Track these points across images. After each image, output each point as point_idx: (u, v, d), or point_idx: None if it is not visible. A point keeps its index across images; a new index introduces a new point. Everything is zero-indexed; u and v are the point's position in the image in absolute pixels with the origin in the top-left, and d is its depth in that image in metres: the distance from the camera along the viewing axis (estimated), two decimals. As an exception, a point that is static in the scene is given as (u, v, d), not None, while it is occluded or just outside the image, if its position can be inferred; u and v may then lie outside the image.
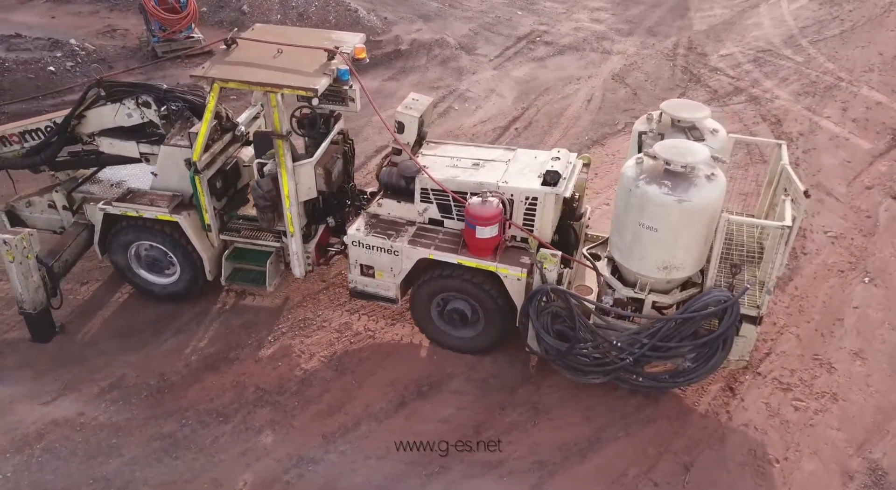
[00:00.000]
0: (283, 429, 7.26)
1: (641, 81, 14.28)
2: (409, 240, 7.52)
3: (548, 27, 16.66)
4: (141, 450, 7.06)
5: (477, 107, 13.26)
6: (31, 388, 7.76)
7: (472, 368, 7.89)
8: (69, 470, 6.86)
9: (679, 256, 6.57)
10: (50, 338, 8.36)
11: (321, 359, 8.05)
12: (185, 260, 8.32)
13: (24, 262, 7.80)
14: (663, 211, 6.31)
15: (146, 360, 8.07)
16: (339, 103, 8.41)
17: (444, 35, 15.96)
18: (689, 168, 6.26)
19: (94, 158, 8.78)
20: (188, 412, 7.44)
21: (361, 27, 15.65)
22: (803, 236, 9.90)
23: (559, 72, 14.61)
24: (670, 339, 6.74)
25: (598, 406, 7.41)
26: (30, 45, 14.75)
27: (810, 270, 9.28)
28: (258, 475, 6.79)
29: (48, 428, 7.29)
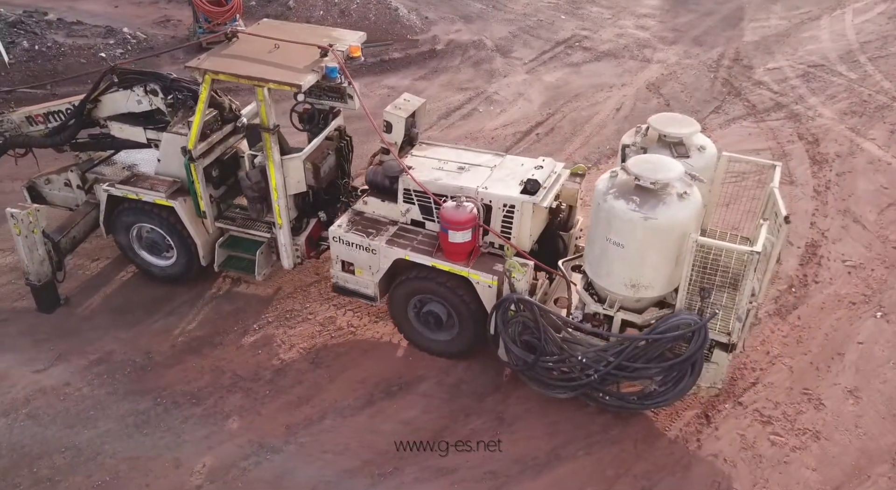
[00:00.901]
0: (249, 416, 7.42)
1: (677, 92, 13.86)
2: (387, 239, 7.55)
3: (589, 33, 16.37)
4: (115, 423, 7.35)
5: (502, 110, 13.17)
6: (28, 355, 8.18)
7: (444, 372, 7.87)
8: (46, 436, 7.21)
9: (647, 275, 6.36)
10: (54, 309, 8.79)
11: (300, 350, 8.18)
12: (180, 244, 8.60)
13: (30, 235, 8.23)
14: (629, 227, 6.12)
15: (136, 337, 8.38)
16: (337, 100, 8.51)
17: (483, 37, 15.90)
18: (658, 185, 6.05)
19: (109, 141, 9.18)
20: (165, 392, 7.70)
21: (400, 26, 15.80)
22: (818, 264, 9.42)
23: (593, 78, 14.34)
24: (636, 359, 6.54)
25: (564, 422, 7.27)
26: (87, 31, 15.52)
27: (818, 300, 8.81)
28: (217, 459, 6.97)
29: (35, 395, 7.68)
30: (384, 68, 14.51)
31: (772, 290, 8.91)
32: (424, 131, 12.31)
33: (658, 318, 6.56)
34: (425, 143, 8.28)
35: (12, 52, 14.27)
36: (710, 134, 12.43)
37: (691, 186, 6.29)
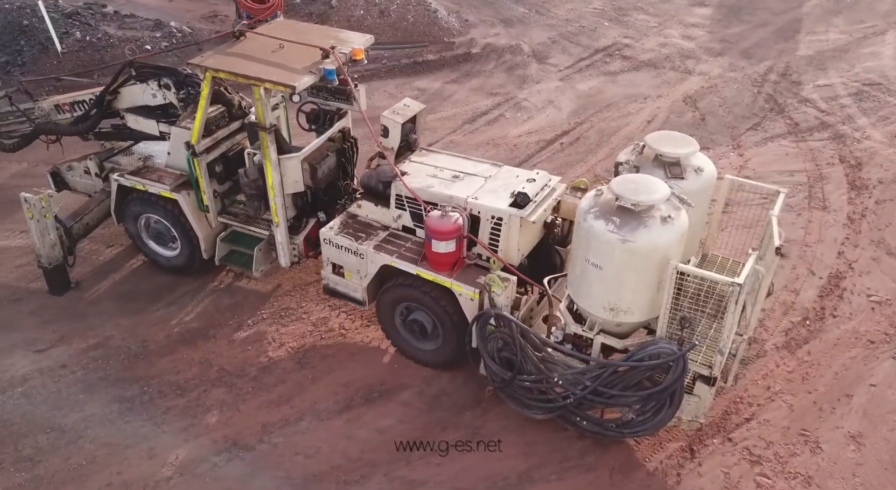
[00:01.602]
0: (229, 411, 7.48)
1: (715, 106, 13.33)
2: (375, 244, 7.49)
3: (632, 41, 15.93)
4: (100, 408, 7.53)
5: (529, 117, 12.94)
6: (32, 334, 8.48)
7: (427, 382, 7.76)
8: (35, 416, 7.45)
9: (626, 299, 6.10)
10: (64, 292, 9.09)
11: (289, 349, 8.21)
12: (184, 236, 8.76)
13: (42, 220, 8.53)
14: (607, 248, 5.88)
15: (135, 325, 8.58)
16: (344, 102, 8.53)
17: (521, 41, 15.68)
18: (640, 206, 5.78)
19: (128, 132, 9.43)
20: (153, 381, 7.85)
21: (438, 28, 15.73)
22: (839, 296, 8.88)
23: (628, 88, 13.94)
24: (613, 385, 6.29)
25: (540, 443, 7.05)
26: (138, 24, 16.04)
27: (833, 335, 8.30)
28: (191, 452, 7.05)
29: (33, 374, 7.95)
30: (417, 70, 14.47)
31: (783, 321, 8.47)
32: (447, 135, 12.32)
33: (637, 344, 6.28)
34: (425, 150, 8.19)
35: (65, 42, 14.86)
36: (744, 152, 11.94)
37: (678, 210, 5.99)
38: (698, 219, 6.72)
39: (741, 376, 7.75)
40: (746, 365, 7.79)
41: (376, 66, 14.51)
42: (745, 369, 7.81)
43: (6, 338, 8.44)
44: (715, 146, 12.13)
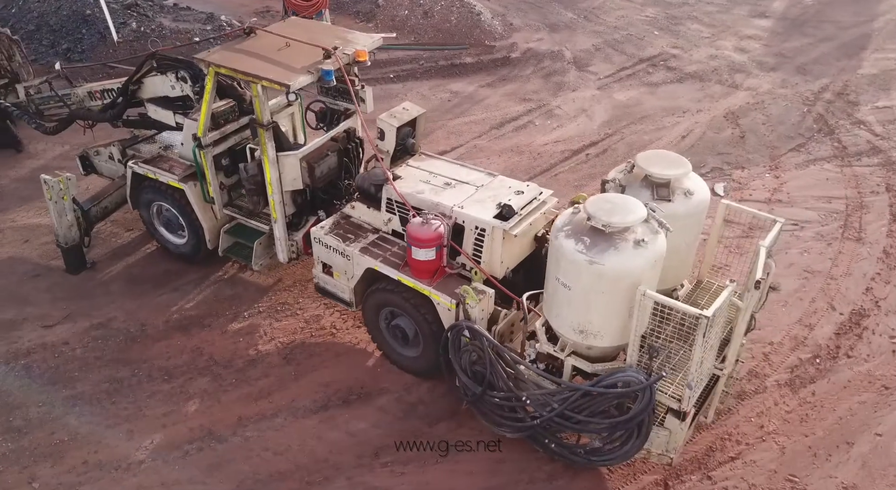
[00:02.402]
0: (209, 401, 7.61)
1: (757, 124, 12.72)
2: (361, 246, 7.47)
3: (680, 51, 15.38)
4: (90, 388, 7.79)
5: (558, 125, 12.67)
6: (43, 310, 8.85)
7: (406, 390, 7.69)
8: (31, 389, 7.77)
9: (595, 322, 5.86)
10: (79, 271, 9.45)
11: (278, 344, 8.29)
12: (190, 225, 8.97)
13: (60, 201, 8.89)
14: (574, 269, 5.66)
15: (138, 308, 8.84)
16: (351, 102, 8.54)
17: (564, 47, 15.38)
18: (610, 228, 5.54)
19: (151, 121, 9.72)
20: (144, 364, 8.06)
21: (480, 31, 15.60)
22: (859, 336, 8.31)
23: (667, 101, 13.46)
24: (580, 410, 6.07)
25: (510, 462, 6.87)
26: (191, 17, 16.55)
27: (844, 377, 7.78)
28: (165, 438, 7.20)
29: (36, 349, 8.29)
30: (453, 72, 14.38)
31: (791, 357, 8.00)
32: (472, 140, 12.19)
33: (606, 370, 6.03)
34: (425, 154, 8.11)
35: (121, 32, 15.48)
36: (781, 174, 11.34)
37: (656, 234, 5.71)
38: (688, 244, 6.41)
39: (733, 412, 7.35)
40: (739, 400, 7.38)
41: (413, 67, 14.51)
42: (738, 405, 7.41)
43: (19, 311, 8.84)
44: (750, 166, 11.57)
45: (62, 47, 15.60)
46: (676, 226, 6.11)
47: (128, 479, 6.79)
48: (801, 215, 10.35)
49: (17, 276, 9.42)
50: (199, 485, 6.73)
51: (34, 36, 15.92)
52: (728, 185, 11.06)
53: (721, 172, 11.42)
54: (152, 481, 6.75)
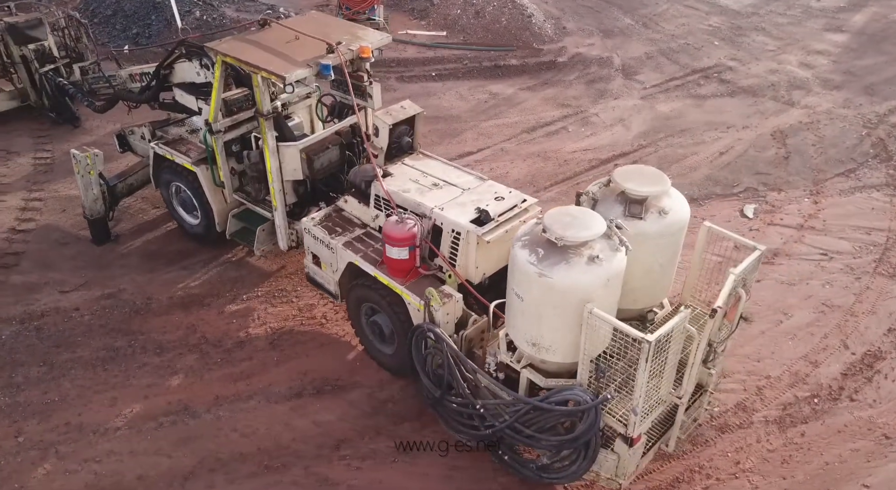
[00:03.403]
0: (193, 377, 7.88)
1: (806, 145, 12.03)
2: (345, 241, 7.55)
3: (738, 64, 14.71)
4: (89, 353, 8.21)
5: (592, 133, 12.38)
6: (64, 276, 9.39)
7: (380, 386, 7.72)
8: (37, 349, 8.26)
9: (546, 336, 5.70)
10: (104, 243, 9.98)
11: (268, 329, 8.49)
12: (202, 207, 9.30)
13: (87, 176, 9.40)
14: (525, 280, 5.53)
15: (147, 282, 9.25)
16: (360, 98, 8.62)
17: (614, 54, 14.99)
18: (562, 242, 5.37)
19: (181, 105, 10.12)
20: (141, 336, 8.43)
21: (530, 33, 15.41)
22: (868, 379, 7.75)
23: (713, 115, 12.91)
24: (529, 425, 5.93)
25: (465, 469, 6.80)
26: (253, 8, 17.11)
27: (841, 420, 7.27)
28: (145, 408, 7.51)
29: (50, 312, 8.81)
30: (495, 74, 14.28)
31: (786, 393, 7.55)
32: (500, 142, 12.07)
33: (557, 387, 5.86)
34: (422, 154, 8.10)
35: (186, 20, 16.16)
36: (822, 200, 10.69)
37: (614, 252, 5.50)
38: (662, 265, 6.13)
39: (710, 444, 7.00)
40: (719, 432, 7.02)
41: (456, 67, 14.50)
42: (717, 437, 7.05)
43: (43, 275, 9.41)
44: (789, 189, 10.96)
45: (132, 32, 16.48)
46: (648, 245, 5.88)
47: (102, 443, 7.12)
48: (833, 245, 9.72)
49: (49, 242, 10.02)
50: (165, 457, 6.98)
51: (110, 20, 16.89)
52: (759, 208, 10.52)
53: (755, 193, 10.87)
54: (122, 448, 7.06)
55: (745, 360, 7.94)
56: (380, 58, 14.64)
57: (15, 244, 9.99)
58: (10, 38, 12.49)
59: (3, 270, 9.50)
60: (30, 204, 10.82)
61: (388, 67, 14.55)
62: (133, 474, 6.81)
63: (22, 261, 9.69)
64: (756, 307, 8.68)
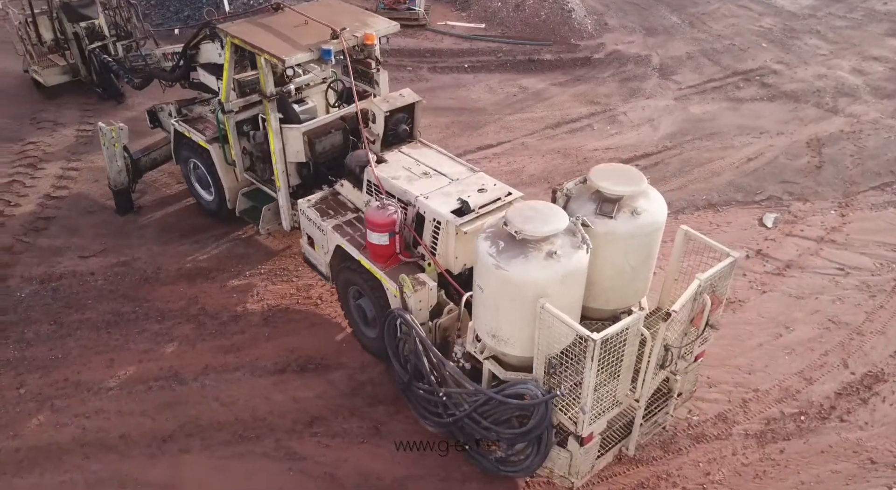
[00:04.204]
0: (186, 346, 8.19)
1: (843, 155, 11.51)
2: (335, 224, 7.69)
3: (784, 67, 14.15)
4: (96, 316, 8.64)
5: (617, 132, 12.16)
6: (86, 242, 9.88)
7: (361, 368, 7.85)
8: (50, 309, 8.74)
9: (504, 329, 5.70)
10: (126, 213, 10.44)
11: (265, 305, 8.74)
12: (215, 184, 9.62)
13: (111, 148, 9.85)
14: (485, 272, 5.54)
15: (160, 253, 9.64)
16: (367, 84, 8.75)
17: (654, 52, 14.65)
18: (521, 235, 5.35)
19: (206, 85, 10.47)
20: (146, 303, 8.81)
21: (569, 28, 15.22)
22: (864, 400, 7.43)
23: (748, 119, 12.49)
24: (486, 416, 5.96)
25: (431, 456, 6.86)
26: (288, 0, 17.44)
27: (826, 440, 7.00)
28: (138, 371, 7.86)
29: (68, 275, 9.29)
30: (528, 68, 14.17)
31: (772, 408, 7.31)
32: (521, 137, 11.99)
33: (512, 380, 5.86)
34: (421, 142, 8.15)
35: (233, 4, 16.65)
36: (850, 212, 10.24)
37: (575, 249, 5.44)
38: (634, 266, 6.01)
39: (683, 452, 6.85)
40: (694, 441, 6.87)
41: (490, 59, 14.46)
42: (692, 446, 6.90)
43: (67, 240, 9.93)
44: (816, 200, 10.52)
45: (184, 14, 17.07)
46: (618, 245, 5.80)
47: (93, 401, 7.50)
48: (852, 260, 9.31)
49: (77, 210, 10.56)
50: (148, 418, 7.30)
51: (164, 2, 17.53)
52: (779, 218, 10.14)
53: (779, 203, 10.49)
54: (112, 407, 7.42)
55: (735, 370, 7.72)
56: (414, 47, 14.80)
57: (47, 209, 10.56)
58: (64, 16, 13.13)
59: (32, 233, 10.07)
60: (67, 173, 11.40)
61: (421, 57, 14.65)
62: (117, 432, 7.16)
63: (51, 225, 10.24)
64: (758, 319, 8.42)
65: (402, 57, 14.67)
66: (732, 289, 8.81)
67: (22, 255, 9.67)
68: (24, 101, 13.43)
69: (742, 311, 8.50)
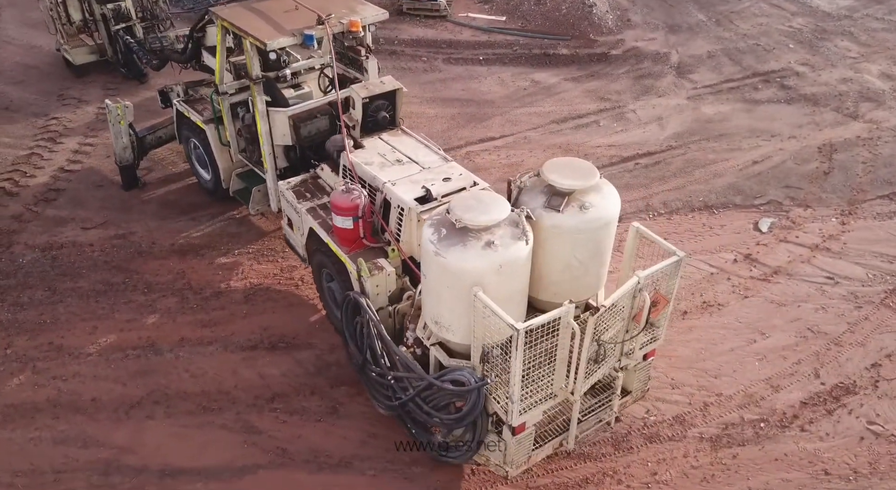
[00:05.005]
0: (167, 318, 8.49)
1: (855, 162, 11.16)
2: (310, 206, 7.85)
3: (808, 69, 13.74)
4: (89, 285, 9.01)
5: (623, 129, 12.02)
6: (89, 214, 10.29)
7: (330, 350, 8.01)
8: (47, 276, 9.14)
9: (445, 316, 5.77)
10: (131, 189, 10.83)
11: (248, 284, 8.98)
12: (211, 164, 9.90)
13: (117, 125, 10.22)
14: (427, 258, 5.62)
15: (156, 228, 9.97)
16: (359, 72, 8.89)
17: (674, 50, 14.40)
18: (460, 223, 5.40)
19: (210, 67, 10.75)
20: (136, 275, 9.15)
21: (588, 23, 15.07)
22: (829, 411, 7.24)
23: (761, 122, 12.19)
24: (428, 401, 6.05)
25: (380, 438, 6.99)
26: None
27: (782, 448, 6.86)
28: (119, 339, 8.18)
29: (67, 244, 9.70)
30: (542, 62, 14.10)
31: (733, 413, 7.21)
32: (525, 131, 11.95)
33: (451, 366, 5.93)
34: (402, 130, 8.22)
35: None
36: (851, 221, 9.95)
37: (515, 241, 5.47)
38: (582, 261, 5.99)
39: (633, 451, 6.82)
40: (647, 441, 6.83)
41: (505, 52, 14.43)
42: (644, 445, 6.86)
43: (74, 212, 10.36)
44: (818, 207, 10.24)
45: (213, -2, 17.46)
46: (564, 239, 5.80)
47: (72, 365, 7.84)
48: (844, 269, 9.05)
49: (86, 183, 10.99)
50: (119, 385, 7.61)
51: (196, -15, 17.95)
52: (776, 223, 9.91)
53: (778, 207, 10.24)
54: (87, 372, 7.75)
55: (702, 374, 7.62)
56: (432, 38, 14.86)
57: (59, 182, 11.02)
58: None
59: (42, 204, 10.53)
60: (82, 148, 11.86)
61: (438, 48, 14.71)
62: (89, 395, 7.48)
63: (60, 197, 10.69)
64: (735, 323, 8.29)
65: (419, 47, 14.76)
66: (713, 292, 8.71)
67: (29, 223, 10.13)
68: (55, 79, 14.00)
69: (719, 315, 8.36)
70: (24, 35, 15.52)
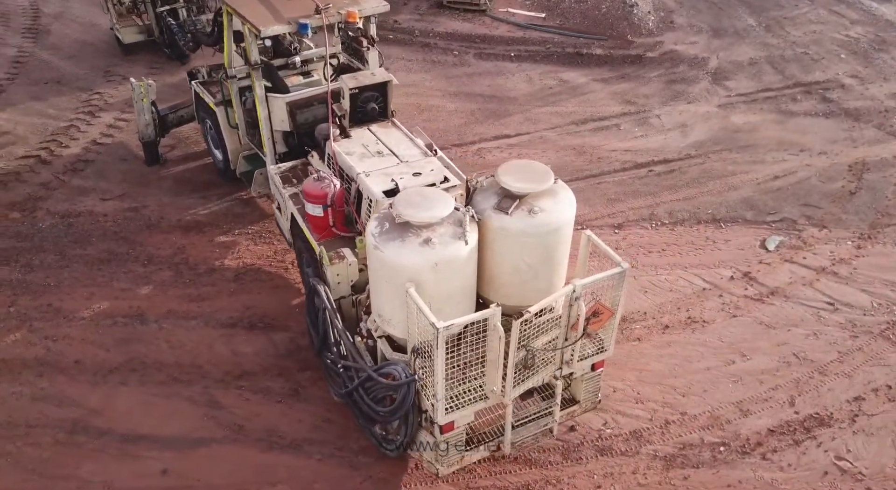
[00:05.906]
0: (159, 291, 8.84)
1: (887, 184, 10.58)
2: (292, 192, 8.02)
3: (856, 82, 13.03)
4: (94, 253, 9.47)
5: (643, 135, 11.73)
6: (110, 186, 10.79)
7: (304, 333, 8.11)
8: (60, 242, 9.65)
9: (386, 309, 5.83)
10: (153, 164, 11.30)
11: (242, 263, 9.25)
12: (222, 145, 10.22)
13: (140, 102, 10.66)
14: (368, 250, 5.70)
15: (168, 204, 10.38)
16: (360, 62, 9.00)
17: (714, 55, 13.91)
18: (400, 219, 5.44)
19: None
20: (140, 247, 9.56)
21: (627, 24, 14.72)
22: (797, 442, 6.94)
23: (792, 134, 11.67)
24: (368, 392, 6.14)
25: (334, 423, 7.09)
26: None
27: (737, 475, 6.62)
28: (112, 307, 8.57)
29: (84, 213, 10.22)
30: (575, 61, 13.87)
31: (693, 434, 7.00)
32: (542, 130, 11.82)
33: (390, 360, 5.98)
34: (393, 123, 8.28)
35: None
36: (869, 245, 9.46)
37: (458, 239, 5.46)
38: (531, 265, 5.93)
39: (581, 462, 6.71)
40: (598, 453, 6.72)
41: (538, 49, 14.27)
42: (593, 457, 6.74)
43: (95, 184, 10.89)
44: (836, 228, 9.75)
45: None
46: (511, 242, 5.77)
47: (64, 327, 8.29)
48: (847, 296, 8.60)
49: (113, 157, 11.52)
50: (103, 350, 7.99)
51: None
52: (784, 242, 9.49)
53: (792, 226, 9.80)
54: (76, 334, 8.18)
55: (669, 390, 7.42)
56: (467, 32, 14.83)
57: (90, 153, 11.60)
58: (141, -21, 14.22)
59: (70, 173, 11.11)
60: (116, 123, 12.42)
61: (471, 43, 14.67)
62: (74, 357, 7.89)
63: (87, 168, 11.25)
64: (716, 342, 8.02)
65: (452, 41, 14.76)
66: (700, 308, 8.45)
67: (55, 191, 10.71)
68: (105, 56, 14.68)
69: (702, 332, 8.11)
70: (87, 13, 16.29)
